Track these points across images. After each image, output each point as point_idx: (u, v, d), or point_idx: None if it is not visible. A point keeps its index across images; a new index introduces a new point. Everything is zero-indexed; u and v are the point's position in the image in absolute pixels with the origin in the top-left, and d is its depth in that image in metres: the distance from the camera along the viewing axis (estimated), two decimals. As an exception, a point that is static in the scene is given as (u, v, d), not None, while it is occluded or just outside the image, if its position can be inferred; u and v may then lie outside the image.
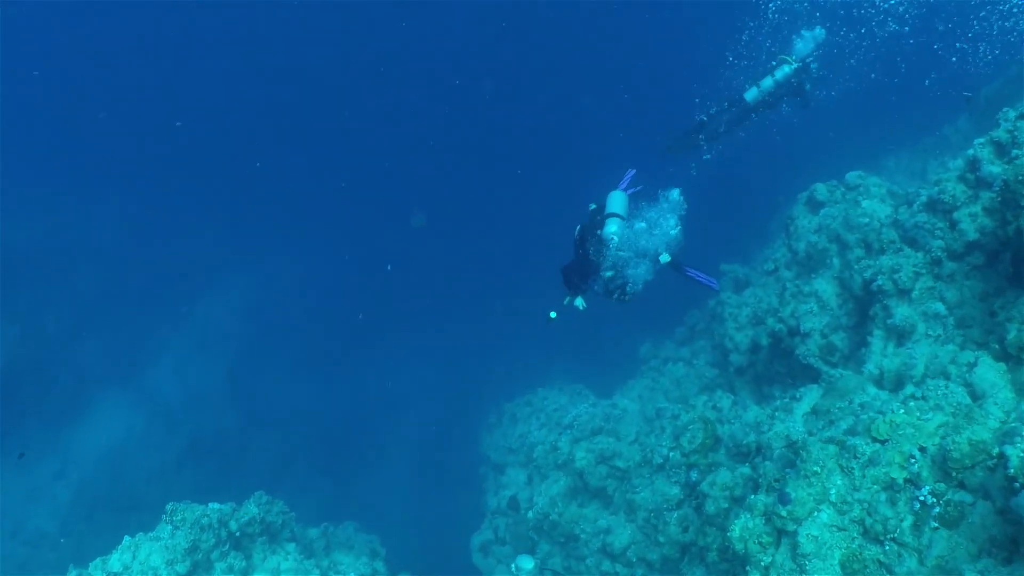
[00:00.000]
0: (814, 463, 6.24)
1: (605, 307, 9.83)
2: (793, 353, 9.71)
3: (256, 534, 11.48)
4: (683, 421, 9.67)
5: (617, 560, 10.26)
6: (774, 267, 11.65)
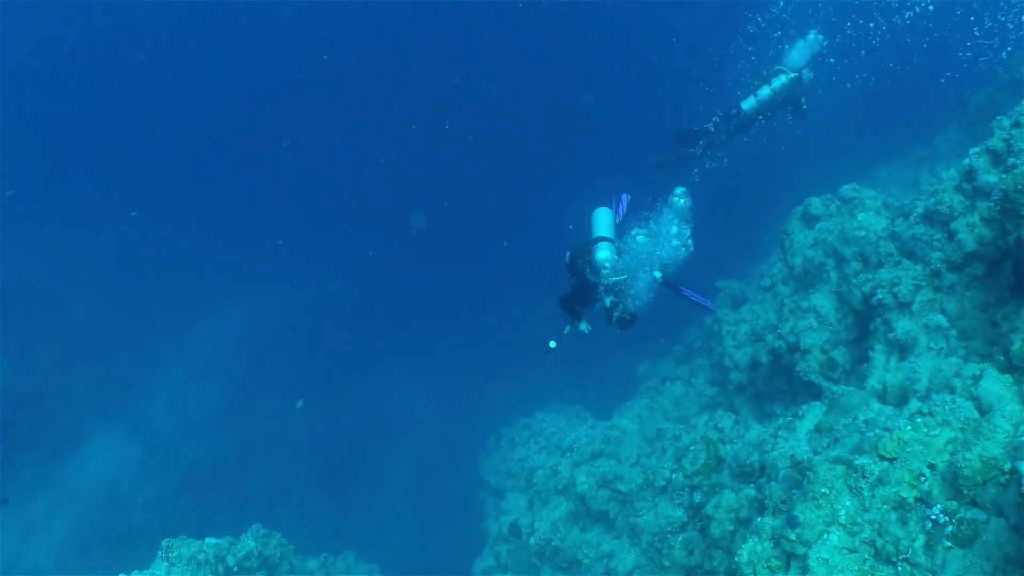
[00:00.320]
0: (822, 484, 6.11)
1: (602, 328, 9.74)
2: (794, 370, 9.60)
3: (254, 568, 11.30)
4: (684, 442, 9.52)
5: (622, 585, 10.08)
6: (771, 283, 11.58)
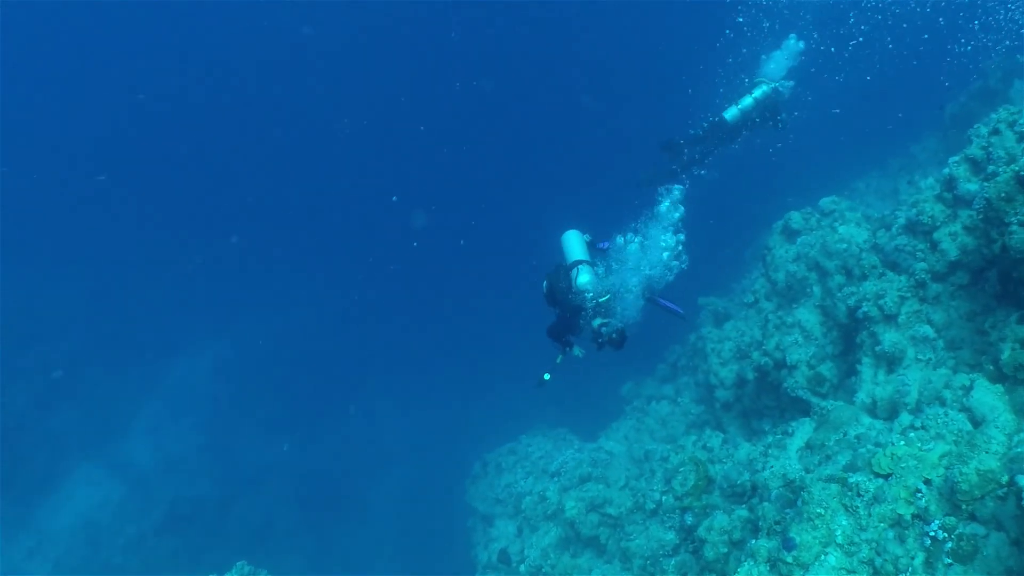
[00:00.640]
0: (817, 504, 5.97)
1: (591, 351, 9.59)
2: (781, 386, 9.47)
3: (239, 607, 11.03)
4: (673, 463, 9.36)
5: (615, 611, 9.89)
6: (754, 299, 11.48)
